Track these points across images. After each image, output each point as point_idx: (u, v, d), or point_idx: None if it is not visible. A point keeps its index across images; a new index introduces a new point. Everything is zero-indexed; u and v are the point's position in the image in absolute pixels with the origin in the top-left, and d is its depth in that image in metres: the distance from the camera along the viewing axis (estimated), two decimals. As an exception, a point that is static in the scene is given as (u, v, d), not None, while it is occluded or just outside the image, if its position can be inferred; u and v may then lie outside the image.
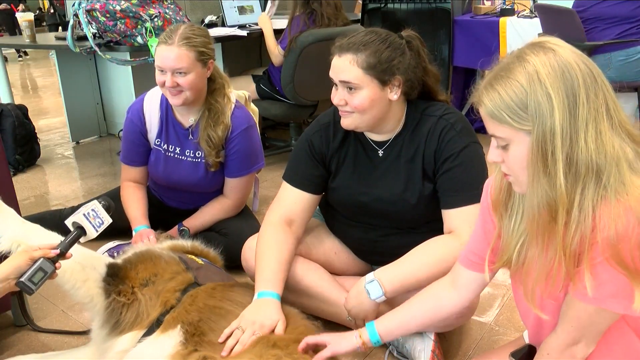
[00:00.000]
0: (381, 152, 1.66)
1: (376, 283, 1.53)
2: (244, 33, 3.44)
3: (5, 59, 3.95)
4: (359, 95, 1.51)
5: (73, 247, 1.36)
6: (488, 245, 1.20)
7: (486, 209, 1.20)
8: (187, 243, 1.78)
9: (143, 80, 3.32)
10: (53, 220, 2.10)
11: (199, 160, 2.16)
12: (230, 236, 2.16)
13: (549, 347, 1.10)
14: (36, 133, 3.76)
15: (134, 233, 2.07)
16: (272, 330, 1.38)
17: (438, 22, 3.91)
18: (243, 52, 4.04)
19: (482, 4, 4.09)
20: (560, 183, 0.96)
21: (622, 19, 3.10)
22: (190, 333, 1.36)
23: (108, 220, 1.48)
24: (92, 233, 1.44)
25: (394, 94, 1.54)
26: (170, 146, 2.18)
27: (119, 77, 4.02)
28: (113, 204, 1.54)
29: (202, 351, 1.32)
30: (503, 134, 1.00)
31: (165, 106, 2.16)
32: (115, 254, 1.93)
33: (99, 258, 1.54)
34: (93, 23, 2.91)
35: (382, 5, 4.12)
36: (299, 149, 1.73)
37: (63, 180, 3.43)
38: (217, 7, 3.84)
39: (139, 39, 2.92)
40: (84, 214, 1.43)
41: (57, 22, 12.14)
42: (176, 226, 2.17)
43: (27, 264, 1.26)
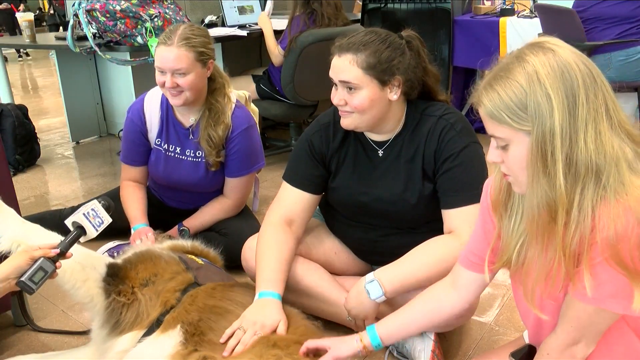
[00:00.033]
0: (381, 152, 1.66)
1: (376, 283, 1.53)
2: (244, 33, 3.43)
3: (5, 59, 3.95)
4: (359, 95, 1.51)
5: (73, 247, 1.36)
6: (488, 245, 1.20)
7: (486, 209, 1.21)
8: (187, 243, 1.78)
9: (143, 80, 3.32)
10: (53, 220, 2.10)
11: (199, 160, 2.16)
12: (230, 236, 2.15)
13: (549, 347, 1.10)
14: (36, 133, 3.76)
15: (133, 231, 2.08)
16: (274, 330, 1.38)
17: (438, 22, 3.91)
18: (243, 52, 4.04)
19: (482, 4, 4.09)
20: (559, 183, 0.96)
21: (622, 19, 3.10)
22: (190, 333, 1.36)
23: (108, 219, 1.49)
24: (92, 233, 1.44)
25: (394, 94, 1.54)
26: (170, 146, 2.18)
27: (119, 77, 4.02)
28: (113, 204, 1.54)
29: (202, 351, 1.32)
30: (502, 135, 1.00)
31: (165, 106, 2.16)
32: (115, 254, 1.93)
33: (99, 258, 1.54)
34: (93, 23, 2.91)
35: (382, 5, 4.12)
36: (299, 149, 1.73)
37: (63, 180, 3.43)
38: (217, 7, 3.84)
39: (139, 39, 2.92)
40: (84, 214, 1.43)
41: (57, 22, 12.14)
42: (176, 226, 2.17)
43: (28, 264, 1.26)
